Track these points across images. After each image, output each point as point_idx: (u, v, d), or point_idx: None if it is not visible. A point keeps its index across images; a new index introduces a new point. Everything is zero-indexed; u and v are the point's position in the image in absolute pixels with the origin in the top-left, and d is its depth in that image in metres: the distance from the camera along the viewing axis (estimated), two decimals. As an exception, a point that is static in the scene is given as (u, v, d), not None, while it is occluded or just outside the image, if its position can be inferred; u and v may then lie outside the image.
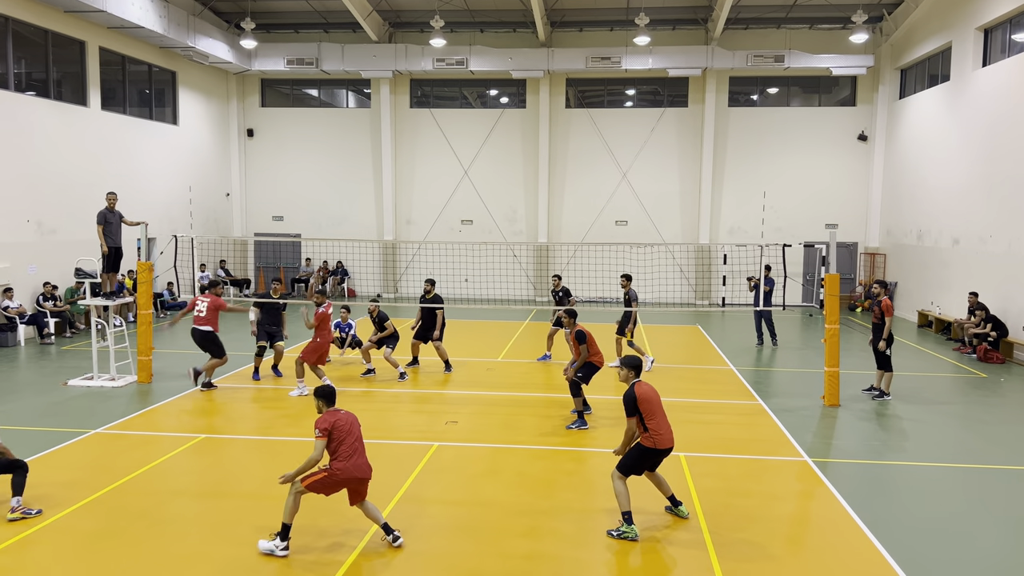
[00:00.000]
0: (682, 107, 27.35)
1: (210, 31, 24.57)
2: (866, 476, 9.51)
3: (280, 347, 14.72)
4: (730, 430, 11.47)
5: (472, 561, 7.11)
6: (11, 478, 7.93)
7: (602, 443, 10.64)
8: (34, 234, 18.99)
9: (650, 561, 7.16)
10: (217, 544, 7.39)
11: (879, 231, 26.56)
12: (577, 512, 8.19)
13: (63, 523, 7.78)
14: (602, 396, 13.07)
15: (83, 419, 11.59)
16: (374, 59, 26.66)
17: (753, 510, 8.33)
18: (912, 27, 23.99)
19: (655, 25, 25.23)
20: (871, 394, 13.48)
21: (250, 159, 29.05)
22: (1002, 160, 18.51)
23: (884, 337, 12.99)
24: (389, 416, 12.16)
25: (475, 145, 28.00)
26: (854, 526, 7.92)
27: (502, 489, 8.89)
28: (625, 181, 27.53)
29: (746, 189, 27.17)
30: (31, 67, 19.82)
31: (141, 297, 14.23)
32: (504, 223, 28.13)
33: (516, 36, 27.23)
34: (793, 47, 25.65)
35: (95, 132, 21.13)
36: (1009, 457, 10.38)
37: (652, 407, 7.79)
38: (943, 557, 7.35)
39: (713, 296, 27.01)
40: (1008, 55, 18.76)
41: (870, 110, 26.52)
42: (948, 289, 21.03)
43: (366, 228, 28.63)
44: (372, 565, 7.02)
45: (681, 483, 9.12)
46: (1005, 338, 17.22)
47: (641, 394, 7.79)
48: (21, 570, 6.83)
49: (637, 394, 7.78)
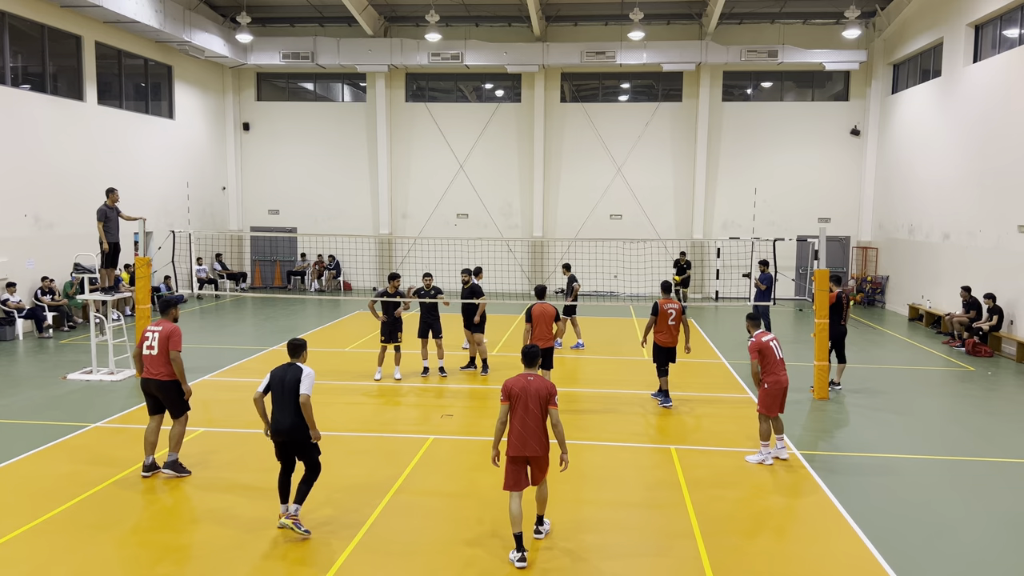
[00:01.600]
0: (676, 102, 27.48)
1: (206, 25, 24.60)
2: (853, 468, 9.70)
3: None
4: (721, 423, 11.66)
5: (466, 551, 7.28)
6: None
7: (594, 436, 10.80)
8: (31, 228, 19.08)
9: (640, 552, 7.34)
10: (216, 536, 7.54)
11: (871, 225, 26.75)
12: (569, 503, 8.37)
13: (63, 516, 7.93)
14: (587, 389, 13.22)
15: (82, 413, 11.73)
16: (369, 53, 26.72)
17: (742, 502, 8.52)
18: (904, 23, 24.14)
19: (649, 20, 25.34)
20: (836, 388, 13.68)
21: (246, 153, 29.11)
22: (992, 155, 18.69)
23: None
24: (384, 410, 12.32)
25: (470, 139, 28.10)
26: (840, 518, 8.11)
27: (497, 482, 9.04)
28: (620, 175, 27.66)
29: (740, 183, 27.33)
30: (27, 61, 19.87)
31: (139, 292, 14.34)
32: (499, 217, 28.26)
33: (511, 30, 27.30)
34: (787, 42, 25.78)
35: (91, 126, 21.19)
36: (996, 450, 10.58)
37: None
38: (929, 548, 7.54)
39: (707, 290, 27.19)
40: (998, 51, 18.92)
41: (863, 105, 26.67)
42: (938, 283, 21.25)
43: (362, 222, 28.73)
44: (367, 557, 7.18)
45: (671, 475, 9.31)
46: (997, 332, 17.44)
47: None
48: (21, 563, 6.98)
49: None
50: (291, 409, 7.48)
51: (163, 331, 8.90)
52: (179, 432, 9.11)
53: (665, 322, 12.27)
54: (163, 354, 8.84)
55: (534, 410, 7.10)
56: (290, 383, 7.52)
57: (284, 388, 7.53)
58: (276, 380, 7.61)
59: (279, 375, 7.62)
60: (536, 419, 7.10)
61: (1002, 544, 7.64)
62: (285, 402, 7.51)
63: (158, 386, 8.93)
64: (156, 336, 8.89)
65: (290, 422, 7.48)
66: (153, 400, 9.08)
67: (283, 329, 19.54)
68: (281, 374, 7.62)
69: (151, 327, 9.05)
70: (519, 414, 7.12)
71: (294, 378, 7.53)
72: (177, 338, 8.92)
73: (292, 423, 7.48)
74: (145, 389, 9.09)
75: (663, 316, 12.26)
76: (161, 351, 8.83)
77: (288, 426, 7.49)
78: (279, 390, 7.56)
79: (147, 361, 8.91)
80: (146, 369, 8.95)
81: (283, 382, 7.56)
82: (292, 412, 7.48)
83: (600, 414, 12.02)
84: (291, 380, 7.53)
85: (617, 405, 12.59)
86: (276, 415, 7.56)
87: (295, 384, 7.50)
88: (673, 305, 12.31)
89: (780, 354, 9.87)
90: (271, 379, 7.65)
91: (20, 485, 8.80)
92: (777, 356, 9.81)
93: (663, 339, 12.34)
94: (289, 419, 7.48)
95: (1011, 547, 7.56)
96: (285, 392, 7.52)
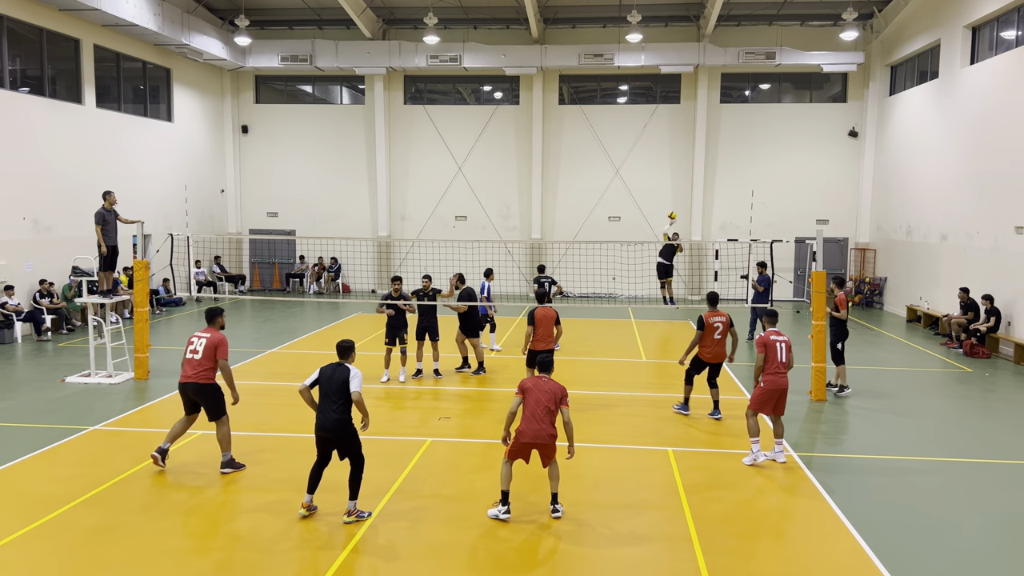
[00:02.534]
0: (674, 103, 27.52)
1: (204, 28, 24.63)
2: (850, 470, 9.72)
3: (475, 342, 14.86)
4: (717, 425, 11.67)
5: (465, 553, 7.30)
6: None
7: (591, 438, 10.82)
8: (30, 231, 19.10)
9: (636, 554, 7.36)
10: (215, 539, 7.56)
11: (869, 226, 26.79)
12: (566, 505, 8.37)
13: (62, 518, 7.94)
14: (585, 391, 13.24)
15: (81, 416, 11.74)
16: (368, 56, 26.76)
17: (738, 504, 8.54)
18: (902, 24, 24.18)
19: (647, 22, 25.38)
20: (832, 391, 13.56)
21: (245, 155, 29.13)
22: (989, 157, 18.73)
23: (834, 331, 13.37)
24: (383, 412, 12.33)
25: (469, 141, 28.13)
26: (836, 519, 8.13)
27: (494, 483, 9.07)
28: (618, 177, 27.70)
29: (738, 185, 27.37)
30: (26, 64, 19.89)
31: (137, 295, 14.36)
32: (498, 219, 28.29)
33: (509, 33, 27.35)
34: (784, 44, 25.82)
35: (90, 129, 21.21)
36: (993, 451, 10.60)
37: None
38: (925, 550, 7.56)
39: (705, 292, 27.19)
40: (995, 53, 18.96)
41: (860, 106, 26.72)
42: (936, 284, 21.28)
43: (360, 224, 28.75)
44: (368, 558, 7.20)
45: (668, 477, 9.33)
46: (994, 333, 17.46)
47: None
48: (21, 565, 7.00)
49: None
50: (338, 407, 7.81)
51: (211, 339, 9.22)
52: (225, 432, 9.35)
53: (711, 336, 11.62)
54: (207, 359, 9.13)
55: (546, 404, 7.93)
56: (338, 383, 7.86)
57: (332, 386, 7.87)
58: (325, 378, 7.95)
59: (328, 374, 7.95)
60: (546, 412, 7.91)
61: (998, 545, 7.66)
62: (330, 400, 7.84)
63: (196, 389, 9.17)
64: (203, 343, 9.19)
65: (335, 419, 7.81)
66: (190, 402, 9.35)
67: (282, 332, 19.56)
68: (330, 373, 7.95)
69: (199, 333, 9.31)
70: (531, 406, 7.93)
71: (342, 378, 7.87)
72: (224, 347, 9.26)
73: (337, 420, 7.81)
74: (183, 392, 9.29)
75: (709, 331, 11.61)
76: (206, 357, 9.14)
77: (333, 423, 7.82)
78: (327, 388, 7.90)
79: (187, 364, 9.19)
80: (184, 373, 9.21)
81: (331, 381, 7.90)
82: (340, 409, 7.82)
83: (597, 416, 12.03)
84: (339, 380, 7.87)
85: (614, 407, 12.60)
86: (321, 411, 7.88)
87: (343, 384, 7.84)
88: (720, 318, 11.65)
89: (783, 356, 9.83)
90: (320, 376, 7.99)
91: (19, 488, 8.82)
92: (779, 357, 9.79)
93: (708, 354, 11.71)
94: (335, 416, 7.81)
95: (1007, 548, 7.58)
96: (332, 390, 7.85)
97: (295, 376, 14.51)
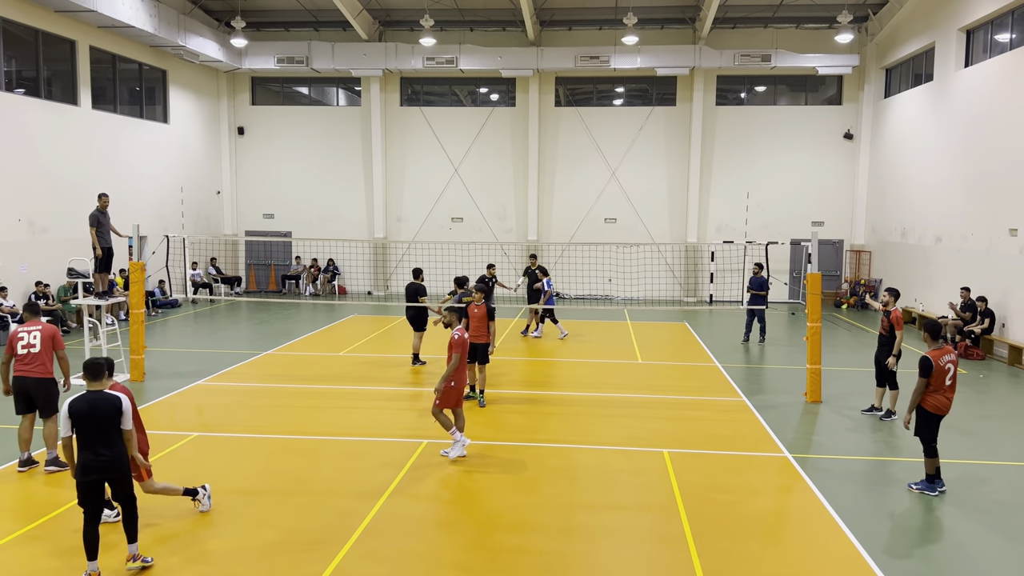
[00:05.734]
0: (670, 106, 27.58)
1: (200, 30, 24.62)
2: (844, 471, 9.76)
3: None
4: (713, 426, 11.71)
5: (459, 555, 7.32)
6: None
7: (586, 439, 10.84)
8: (25, 233, 19.07)
9: (631, 555, 7.38)
10: (209, 540, 7.56)
11: (864, 229, 26.87)
12: (562, 507, 8.40)
13: (59, 520, 7.94)
14: (580, 392, 13.24)
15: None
16: (364, 58, 26.78)
17: (733, 505, 8.57)
18: (896, 27, 24.28)
19: (643, 24, 25.45)
20: (875, 415, 12.26)
21: (241, 157, 29.12)
22: (983, 159, 18.81)
23: (894, 352, 11.88)
24: (378, 414, 12.34)
25: (465, 143, 28.16)
26: (831, 521, 8.16)
27: (488, 485, 9.10)
28: (614, 179, 27.74)
29: (733, 187, 27.44)
30: (21, 66, 19.87)
31: (133, 296, 14.36)
32: (494, 221, 28.32)
33: (506, 35, 27.40)
34: (780, 46, 25.91)
35: (86, 131, 21.20)
36: (986, 452, 10.64)
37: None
38: (919, 551, 7.60)
39: (700, 293, 27.28)
40: (990, 56, 19.05)
41: (856, 109, 26.81)
42: (931, 286, 21.35)
43: (356, 225, 28.76)
44: (360, 560, 7.21)
45: (663, 479, 9.35)
46: (988, 335, 17.53)
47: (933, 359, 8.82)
48: (20, 567, 7.00)
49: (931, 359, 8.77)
50: (111, 441, 6.75)
51: (45, 331, 9.26)
52: (53, 430, 9.23)
53: (942, 381, 8.85)
54: (45, 352, 9.21)
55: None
56: (102, 418, 6.69)
57: (95, 423, 6.70)
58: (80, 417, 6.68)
59: (82, 410, 6.69)
60: None
61: (994, 547, 7.69)
62: (98, 439, 6.72)
63: (36, 384, 9.23)
64: (37, 336, 9.15)
65: (110, 458, 6.74)
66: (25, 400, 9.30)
67: (278, 333, 19.55)
68: (86, 409, 6.69)
69: (27, 327, 9.21)
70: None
71: (107, 411, 6.72)
72: (60, 337, 9.36)
73: (113, 458, 6.76)
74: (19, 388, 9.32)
75: (939, 375, 8.84)
76: (44, 350, 9.18)
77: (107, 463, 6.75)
78: (87, 428, 6.70)
79: (22, 360, 9.14)
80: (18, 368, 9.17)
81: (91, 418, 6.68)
82: (113, 442, 6.76)
83: (592, 417, 12.05)
84: (103, 414, 6.70)
85: (609, 408, 12.63)
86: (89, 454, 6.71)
87: (109, 419, 6.72)
88: (950, 357, 8.95)
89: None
90: (72, 415, 6.70)
91: (16, 489, 8.82)
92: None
93: (938, 403, 8.93)
94: (109, 455, 6.74)
95: (1002, 550, 7.62)
96: (97, 427, 6.71)
97: (290, 378, 14.52)
